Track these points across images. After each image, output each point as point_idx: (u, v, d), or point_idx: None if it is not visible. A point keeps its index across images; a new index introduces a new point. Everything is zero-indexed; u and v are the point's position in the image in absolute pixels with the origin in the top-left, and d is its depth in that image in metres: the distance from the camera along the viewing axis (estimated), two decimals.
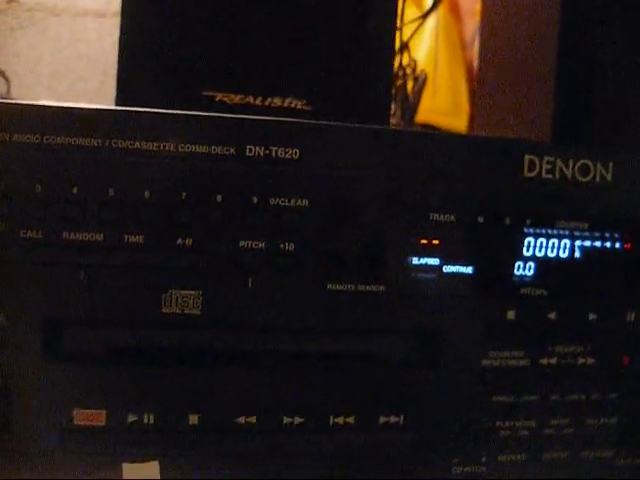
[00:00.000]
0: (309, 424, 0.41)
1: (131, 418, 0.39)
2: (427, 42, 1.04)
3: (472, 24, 1.07)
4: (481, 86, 0.78)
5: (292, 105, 0.51)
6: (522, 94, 0.63)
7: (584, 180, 0.43)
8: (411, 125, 0.83)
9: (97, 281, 0.37)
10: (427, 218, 0.41)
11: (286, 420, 0.40)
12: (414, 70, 0.84)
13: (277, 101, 0.51)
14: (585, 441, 0.45)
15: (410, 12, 0.88)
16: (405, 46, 0.83)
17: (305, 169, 0.39)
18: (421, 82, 0.84)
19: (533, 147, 0.42)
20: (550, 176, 0.43)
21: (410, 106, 0.83)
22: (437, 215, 0.41)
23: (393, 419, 0.42)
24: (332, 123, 0.39)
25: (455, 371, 0.42)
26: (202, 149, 0.38)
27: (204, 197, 0.38)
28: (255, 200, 0.38)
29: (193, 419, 0.39)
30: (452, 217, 0.41)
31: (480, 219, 0.42)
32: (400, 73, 0.84)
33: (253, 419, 0.40)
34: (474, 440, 0.43)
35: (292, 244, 0.39)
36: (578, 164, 0.43)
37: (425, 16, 0.83)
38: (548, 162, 0.43)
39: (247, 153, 0.38)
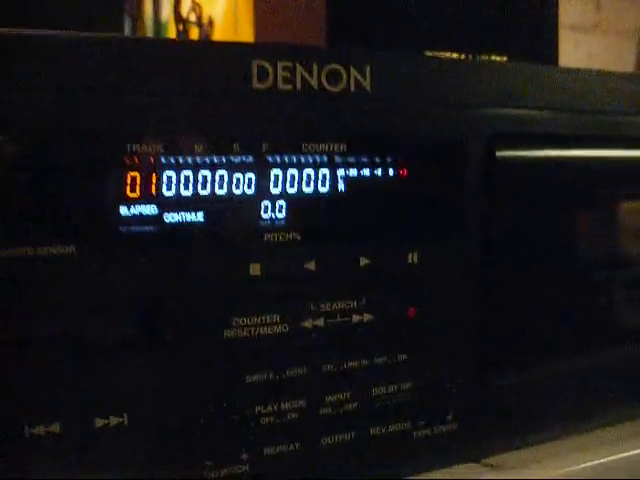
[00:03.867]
0: None
1: None
2: None
3: None
4: None
5: None
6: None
7: (335, 90, 0.34)
8: None
9: None
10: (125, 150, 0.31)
11: None
12: None
13: None
14: (374, 415, 0.37)
15: None
16: None
17: None
18: None
19: (262, 51, 0.33)
20: (289, 87, 0.33)
21: None
22: (137, 146, 0.31)
23: (114, 420, 0.32)
24: None
25: (188, 350, 0.32)
26: None
27: None
28: None
29: None
30: (160, 148, 0.31)
31: (198, 147, 0.32)
32: None
33: None
34: (228, 434, 0.34)
35: None
36: (325, 70, 0.34)
37: None
38: (285, 68, 0.33)
39: None
